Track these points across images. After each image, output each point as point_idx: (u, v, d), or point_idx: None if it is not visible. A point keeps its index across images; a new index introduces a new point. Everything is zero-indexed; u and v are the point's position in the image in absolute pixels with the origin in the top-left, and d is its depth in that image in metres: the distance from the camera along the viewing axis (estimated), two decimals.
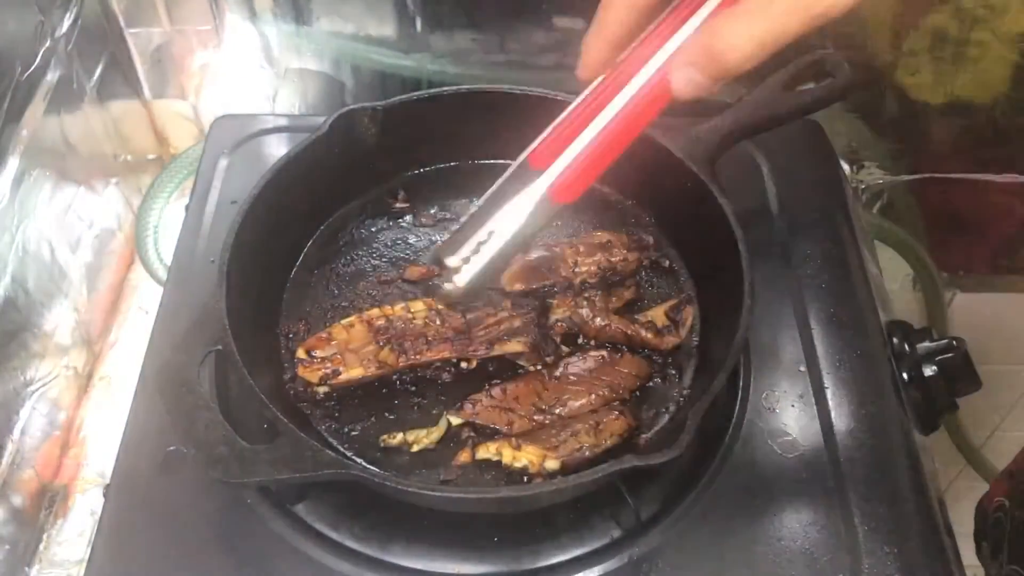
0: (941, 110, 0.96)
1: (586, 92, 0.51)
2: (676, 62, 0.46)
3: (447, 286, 0.57)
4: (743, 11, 0.44)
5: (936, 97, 0.95)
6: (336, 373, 0.66)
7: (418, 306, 0.70)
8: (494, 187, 0.54)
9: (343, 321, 0.69)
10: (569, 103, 0.51)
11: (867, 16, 0.90)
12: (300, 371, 0.67)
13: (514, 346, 0.68)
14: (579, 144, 0.50)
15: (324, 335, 0.68)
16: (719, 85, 0.46)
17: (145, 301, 0.93)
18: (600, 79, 0.50)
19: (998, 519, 0.73)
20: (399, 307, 0.70)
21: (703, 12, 0.47)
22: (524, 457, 0.63)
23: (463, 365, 0.69)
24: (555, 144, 0.51)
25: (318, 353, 0.67)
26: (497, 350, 0.68)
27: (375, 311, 0.69)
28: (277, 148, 0.87)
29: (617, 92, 0.49)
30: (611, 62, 0.50)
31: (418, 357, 0.68)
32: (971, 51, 0.90)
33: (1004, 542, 0.71)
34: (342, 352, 0.67)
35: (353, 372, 0.67)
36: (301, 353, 0.67)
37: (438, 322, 0.69)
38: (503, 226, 0.53)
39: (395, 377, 0.69)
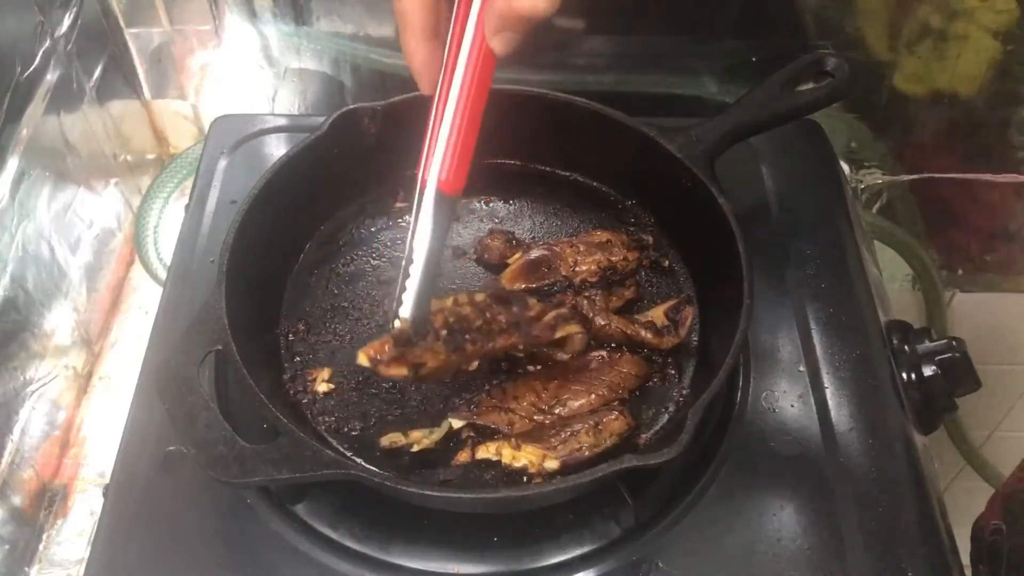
0: (927, 103, 0.96)
1: (435, 100, 0.55)
2: (489, 30, 0.50)
3: (396, 323, 0.60)
4: None
5: (922, 89, 0.95)
6: (422, 363, 0.61)
7: (462, 298, 0.64)
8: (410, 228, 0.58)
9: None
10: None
11: (863, 10, 0.91)
12: (382, 371, 0.60)
13: (573, 327, 0.66)
14: (444, 131, 0.54)
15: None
16: (533, 32, 0.49)
17: (145, 301, 0.93)
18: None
19: (994, 544, 0.71)
20: (448, 300, 0.63)
21: None
22: (524, 457, 0.63)
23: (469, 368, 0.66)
24: (431, 149, 0.56)
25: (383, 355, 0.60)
26: (560, 332, 0.65)
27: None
28: (277, 148, 0.88)
29: (451, 80, 0.53)
30: (439, 56, 0.53)
31: (491, 346, 0.63)
32: (954, 44, 0.90)
33: (1001, 570, 0.70)
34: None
35: (436, 358, 0.61)
36: (364, 360, 0.61)
37: (488, 315, 0.64)
38: (418, 243, 0.58)
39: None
